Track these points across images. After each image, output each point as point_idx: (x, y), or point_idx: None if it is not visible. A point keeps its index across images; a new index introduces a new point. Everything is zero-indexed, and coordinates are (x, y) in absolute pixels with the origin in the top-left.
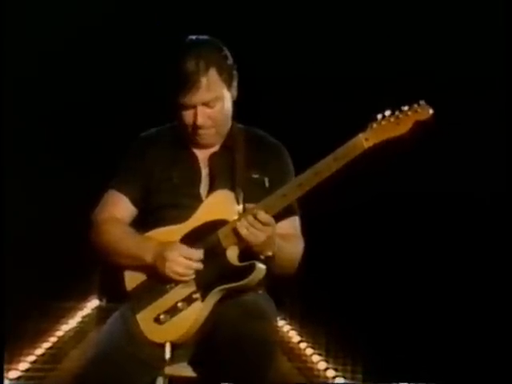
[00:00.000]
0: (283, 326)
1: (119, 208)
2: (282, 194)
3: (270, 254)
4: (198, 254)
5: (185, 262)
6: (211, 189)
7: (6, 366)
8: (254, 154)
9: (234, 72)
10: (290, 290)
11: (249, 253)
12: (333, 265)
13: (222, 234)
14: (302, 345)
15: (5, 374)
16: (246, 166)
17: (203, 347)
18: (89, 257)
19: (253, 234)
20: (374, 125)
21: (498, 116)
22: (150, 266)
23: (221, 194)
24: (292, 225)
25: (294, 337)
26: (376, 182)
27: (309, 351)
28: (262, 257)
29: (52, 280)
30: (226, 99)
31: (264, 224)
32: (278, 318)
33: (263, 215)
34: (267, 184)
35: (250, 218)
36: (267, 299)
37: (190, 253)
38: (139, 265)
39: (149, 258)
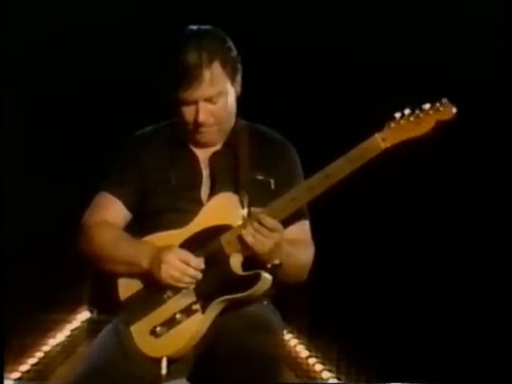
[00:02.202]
0: (290, 339)
1: (111, 212)
2: (290, 197)
3: (277, 262)
4: (197, 260)
5: (182, 265)
6: (213, 191)
7: None
8: (259, 152)
9: (239, 65)
10: (298, 300)
11: (254, 261)
12: (343, 274)
13: (225, 240)
14: (311, 360)
15: None
16: (250, 166)
17: (203, 362)
18: (78, 264)
19: (259, 241)
20: (392, 124)
21: (501, 117)
22: (146, 272)
23: (224, 196)
24: (301, 229)
25: (302, 351)
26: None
27: (318, 367)
28: (269, 265)
29: (38, 290)
30: (230, 94)
31: (271, 230)
32: (285, 331)
33: (270, 221)
34: (273, 186)
35: (256, 224)
36: (273, 310)
37: (188, 257)
38: (134, 271)
39: (145, 262)
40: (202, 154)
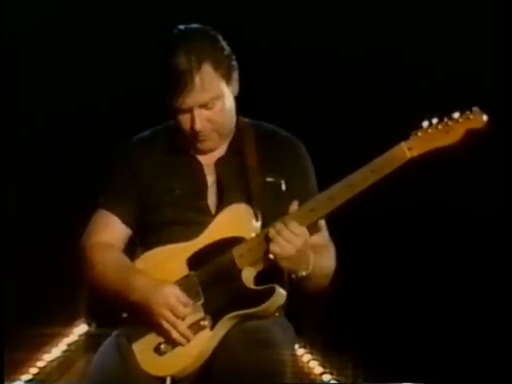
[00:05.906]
0: (303, 355)
1: (110, 233)
2: (309, 208)
3: (304, 274)
4: (185, 310)
5: (171, 317)
6: (220, 199)
7: None
8: (267, 153)
9: (233, 63)
10: (311, 312)
11: (267, 275)
12: (360, 284)
13: (237, 253)
14: (325, 377)
15: None
16: (258, 168)
17: (201, 379)
18: (75, 274)
19: (279, 244)
20: (419, 133)
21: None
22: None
23: (237, 208)
24: (321, 234)
25: (316, 367)
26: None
27: None
28: (295, 276)
29: (32, 301)
30: (226, 96)
31: (295, 235)
32: (297, 346)
33: (295, 224)
34: (284, 187)
35: (280, 224)
36: (283, 323)
37: (176, 307)
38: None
39: (135, 297)
40: (206, 160)
